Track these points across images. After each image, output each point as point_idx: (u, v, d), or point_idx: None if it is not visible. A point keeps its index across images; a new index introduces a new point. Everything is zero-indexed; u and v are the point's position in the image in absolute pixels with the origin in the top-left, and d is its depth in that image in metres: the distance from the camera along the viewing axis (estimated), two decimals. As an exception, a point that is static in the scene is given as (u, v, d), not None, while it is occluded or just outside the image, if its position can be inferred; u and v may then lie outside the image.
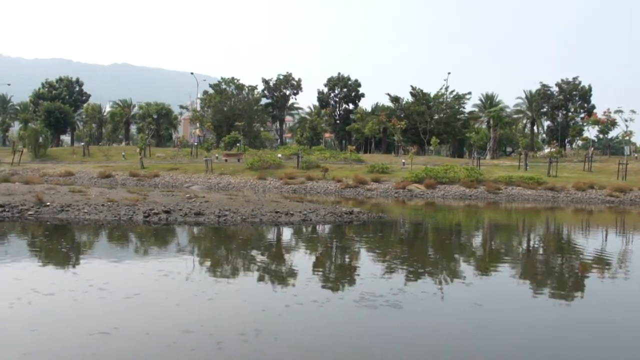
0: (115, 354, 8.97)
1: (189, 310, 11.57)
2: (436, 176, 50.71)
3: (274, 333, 10.16)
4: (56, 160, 70.52)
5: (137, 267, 16.29)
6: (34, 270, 15.59)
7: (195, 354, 9.01)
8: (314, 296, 12.67)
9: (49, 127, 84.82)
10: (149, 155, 71.09)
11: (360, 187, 49.84)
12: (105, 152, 77.22)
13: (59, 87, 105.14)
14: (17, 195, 28.39)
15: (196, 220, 24.78)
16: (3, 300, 11.76)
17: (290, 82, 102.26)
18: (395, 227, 28.33)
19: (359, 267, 17.29)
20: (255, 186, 52.01)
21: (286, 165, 60.91)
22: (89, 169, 62.06)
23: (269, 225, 24.87)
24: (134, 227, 23.53)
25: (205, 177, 56.53)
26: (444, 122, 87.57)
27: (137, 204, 26.86)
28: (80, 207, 25.88)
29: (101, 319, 10.60)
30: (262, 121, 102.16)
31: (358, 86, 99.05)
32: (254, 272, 16.25)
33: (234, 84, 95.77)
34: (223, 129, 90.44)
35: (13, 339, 9.56)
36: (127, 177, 56.99)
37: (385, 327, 10.73)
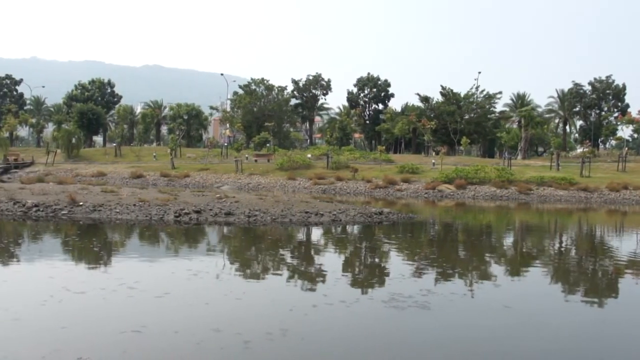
0: (145, 352, 9.07)
1: (218, 310, 11.64)
2: (466, 176, 50.30)
3: (300, 333, 10.17)
4: (89, 161, 71.29)
5: (167, 266, 16.41)
6: (66, 269, 15.80)
7: (223, 353, 9.08)
8: (342, 296, 12.64)
9: (81, 128, 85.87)
10: (180, 156, 71.56)
11: (390, 188, 49.62)
12: (137, 153, 77.87)
13: (91, 89, 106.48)
14: (51, 195, 28.82)
15: (226, 220, 24.89)
16: (36, 298, 11.99)
17: (320, 83, 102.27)
18: (425, 227, 28.17)
19: (388, 267, 17.22)
20: (285, 186, 52.07)
21: (316, 166, 60.89)
22: (120, 169, 62.67)
23: (299, 226, 24.89)
24: (165, 227, 23.72)
25: (235, 177, 56.73)
26: (474, 122, 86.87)
27: (168, 204, 27.07)
28: (112, 207, 26.17)
29: (130, 318, 10.73)
30: (291, 122, 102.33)
31: (388, 86, 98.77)
32: (283, 272, 16.27)
33: (264, 85, 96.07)
34: (253, 130, 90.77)
35: (44, 336, 9.75)
36: (158, 177, 57.43)
37: (413, 328, 10.68)
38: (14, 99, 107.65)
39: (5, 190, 31.51)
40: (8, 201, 27.25)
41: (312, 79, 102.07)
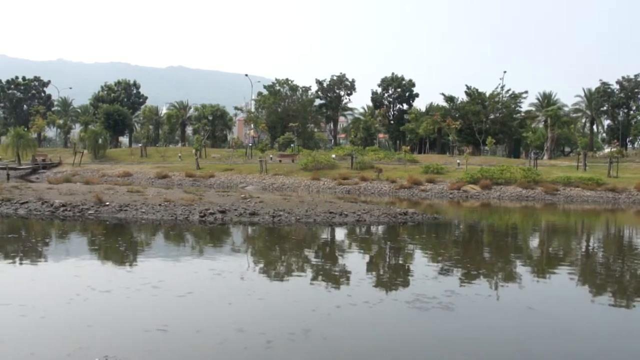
0: (168, 351, 9.15)
1: (241, 309, 11.69)
2: (492, 177, 49.93)
3: (323, 333, 10.19)
4: (115, 161, 71.96)
5: (191, 266, 16.51)
6: (92, 268, 15.98)
7: (246, 353, 9.13)
8: (366, 297, 12.62)
9: (108, 129, 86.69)
10: (205, 156, 71.95)
11: (415, 188, 49.45)
12: (162, 153, 78.46)
13: (117, 90, 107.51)
14: (78, 195, 29.16)
15: (251, 220, 24.98)
16: (63, 296, 12.19)
17: (344, 83, 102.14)
18: (449, 228, 28.02)
19: (412, 268, 17.16)
20: (309, 187, 52.13)
21: (340, 166, 60.87)
22: (146, 169, 63.19)
23: (323, 226, 24.90)
24: (190, 227, 23.87)
25: (259, 177, 56.90)
26: (499, 121, 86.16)
27: (193, 204, 27.24)
28: (138, 207, 26.41)
29: (154, 317, 10.84)
30: (316, 122, 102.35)
31: (412, 86, 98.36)
32: (307, 272, 16.28)
33: (288, 85, 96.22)
34: (277, 130, 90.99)
35: (70, 334, 9.92)
36: (183, 177, 57.81)
37: (435, 330, 10.63)
38: (42, 101, 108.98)
39: (33, 190, 31.97)
40: (36, 201, 27.64)
41: (336, 79, 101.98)
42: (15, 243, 19.90)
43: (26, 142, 71.16)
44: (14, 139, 69.75)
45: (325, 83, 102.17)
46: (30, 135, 79.42)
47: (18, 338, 9.70)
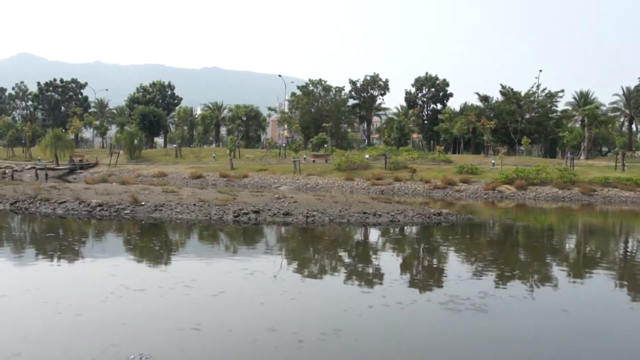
0: (201, 350, 9.24)
1: (273, 309, 11.72)
2: (527, 177, 49.29)
3: (355, 333, 10.17)
4: (150, 162, 72.64)
5: (224, 265, 16.62)
6: (127, 266, 16.20)
7: (277, 352, 9.17)
8: (398, 297, 12.56)
9: (143, 129, 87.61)
10: (239, 157, 72.28)
11: (449, 188, 49.06)
12: (197, 154, 79.00)
13: (152, 92, 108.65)
14: (114, 195, 29.53)
15: (284, 220, 25.03)
16: (98, 294, 12.36)
17: (378, 83, 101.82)
18: (484, 229, 27.75)
19: (446, 269, 17.02)
20: (342, 187, 52.06)
21: (373, 166, 60.66)
22: (181, 169, 63.69)
23: (357, 226, 24.85)
24: (224, 227, 24.01)
25: (293, 177, 56.96)
26: (535, 121, 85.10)
27: (227, 204, 27.38)
28: (172, 207, 26.64)
29: (187, 315, 10.95)
30: (349, 122, 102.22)
31: (446, 86, 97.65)
32: (339, 273, 16.27)
33: (322, 86, 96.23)
34: (311, 130, 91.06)
35: (104, 331, 10.06)
36: (218, 177, 58.14)
37: (468, 331, 10.52)
38: (79, 102, 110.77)
39: (71, 190, 32.45)
40: (74, 201, 28.06)
41: (370, 79, 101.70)
42: (53, 242, 20.24)
43: (64, 143, 72.31)
44: (52, 140, 70.92)
45: (359, 83, 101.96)
46: (68, 137, 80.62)
47: (54, 335, 9.91)
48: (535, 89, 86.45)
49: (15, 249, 19.21)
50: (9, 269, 15.89)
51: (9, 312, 11.22)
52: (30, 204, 28.35)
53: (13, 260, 17.22)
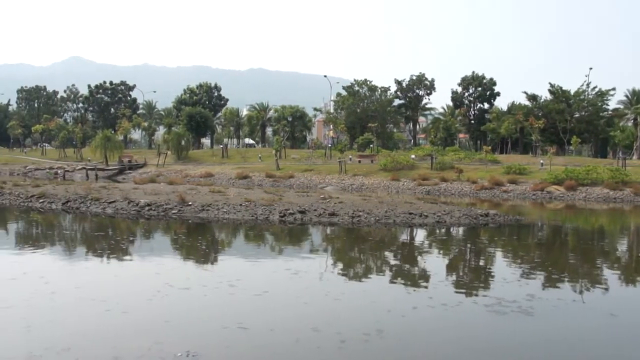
0: (245, 348, 9.34)
1: (316, 309, 11.75)
2: (577, 177, 48.27)
3: (397, 334, 10.14)
4: (197, 162, 73.43)
5: (269, 265, 16.70)
6: (172, 265, 16.43)
7: (318, 352, 9.21)
8: (444, 299, 12.45)
9: (190, 130, 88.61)
10: (284, 157, 72.54)
11: (496, 189, 48.39)
12: (243, 154, 79.56)
13: (199, 93, 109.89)
14: (162, 195, 29.93)
15: (330, 220, 25.03)
16: (143, 293, 12.63)
17: (423, 83, 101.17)
18: (532, 230, 27.29)
19: (493, 271, 16.81)
20: (388, 187, 51.84)
21: (419, 167, 60.28)
22: (227, 170, 64.20)
23: (402, 227, 24.71)
24: (270, 227, 24.12)
25: (338, 178, 56.94)
26: (585, 120, 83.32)
27: (273, 204, 27.49)
28: (219, 207, 26.87)
29: (230, 314, 11.08)
30: (395, 122, 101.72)
31: (493, 85, 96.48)
32: (384, 273, 16.21)
33: (367, 86, 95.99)
34: (356, 131, 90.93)
35: (149, 329, 10.29)
36: (263, 178, 58.45)
37: (512, 334, 10.38)
38: (128, 104, 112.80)
39: (120, 190, 33.01)
40: (123, 200, 28.54)
41: (416, 79, 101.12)
42: (102, 241, 20.61)
43: (113, 144, 73.69)
44: (102, 141, 72.33)
45: (405, 83, 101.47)
46: (117, 138, 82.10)
47: (102, 332, 10.10)
48: (585, 87, 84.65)
49: (67, 248, 19.64)
50: (60, 266, 16.26)
51: (59, 309, 11.50)
52: (81, 203, 28.95)
53: (64, 259, 17.61)
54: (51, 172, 67.40)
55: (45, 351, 9.01)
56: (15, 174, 67.49)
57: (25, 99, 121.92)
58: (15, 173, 69.34)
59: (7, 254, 17.95)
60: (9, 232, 23.84)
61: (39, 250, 19.09)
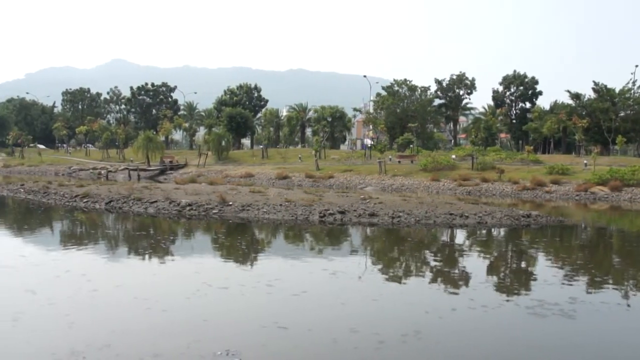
0: (283, 347, 9.39)
1: (354, 310, 11.73)
2: (623, 178, 47.22)
3: (436, 336, 10.08)
4: (237, 163, 73.83)
5: (308, 265, 16.70)
6: (212, 265, 16.61)
7: (356, 352, 9.21)
8: (484, 301, 12.30)
9: (230, 131, 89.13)
10: (324, 157, 72.49)
11: (538, 190, 47.63)
12: (283, 154, 79.74)
13: (239, 94, 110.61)
14: (202, 195, 30.20)
15: (370, 221, 24.95)
16: (183, 292, 12.80)
17: (464, 82, 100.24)
18: (575, 232, 26.80)
19: (535, 273, 16.55)
20: (428, 188, 51.46)
21: (460, 167, 59.69)
22: (267, 170, 64.45)
23: (443, 227, 24.51)
24: (310, 227, 24.15)
25: (378, 178, 56.72)
26: (631, 119, 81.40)
27: (313, 204, 27.52)
28: (259, 207, 27.00)
29: (267, 314, 11.15)
30: (435, 122, 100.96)
31: (535, 84, 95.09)
32: (424, 274, 16.09)
33: (407, 86, 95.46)
34: (396, 131, 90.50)
35: (187, 327, 10.39)
36: (303, 178, 58.52)
37: (552, 337, 10.19)
38: (169, 105, 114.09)
39: (162, 190, 33.41)
40: (164, 200, 28.88)
41: (456, 78, 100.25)
42: (144, 240, 20.88)
43: (155, 144, 74.56)
44: (144, 141, 73.23)
45: (445, 82, 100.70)
46: (159, 138, 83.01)
47: (142, 330, 10.29)
48: (631, 85, 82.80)
49: (109, 247, 19.95)
50: (102, 265, 16.53)
51: (101, 306, 11.70)
52: (124, 203, 29.37)
53: (106, 257, 17.88)
54: (95, 173, 68.63)
55: (87, 347, 9.18)
56: (60, 174, 68.89)
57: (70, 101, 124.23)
58: (60, 173, 70.76)
59: (51, 252, 18.33)
60: (53, 230, 24.34)
61: (82, 248, 19.43)
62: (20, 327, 10.37)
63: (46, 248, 19.23)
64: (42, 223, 26.77)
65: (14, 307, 11.46)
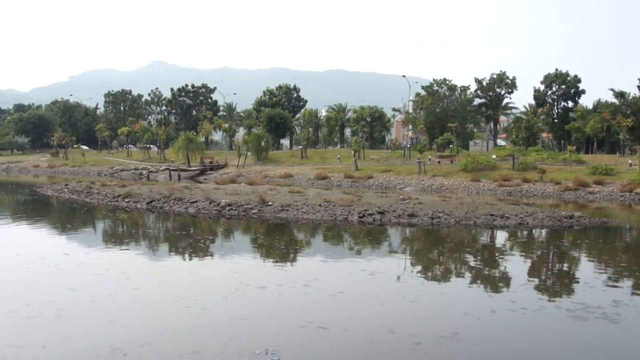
0: (320, 346, 9.42)
1: (392, 310, 11.69)
2: (669, 178, 46.16)
3: (474, 338, 9.97)
4: (276, 163, 74.07)
5: (346, 265, 16.68)
6: (250, 264, 16.70)
7: (392, 353, 9.19)
8: (524, 303, 12.13)
9: (269, 131, 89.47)
10: (363, 158, 72.29)
11: (581, 190, 46.79)
12: (322, 155, 79.71)
13: (278, 94, 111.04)
14: (242, 195, 30.39)
15: (409, 221, 24.81)
16: (221, 291, 12.98)
17: (504, 81, 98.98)
18: (619, 233, 26.27)
19: (577, 275, 16.26)
20: (468, 188, 50.98)
21: (500, 167, 58.99)
22: (306, 170, 64.54)
23: (483, 228, 24.25)
24: (348, 227, 24.12)
25: (418, 178, 56.37)
26: (679, 117, 79.57)
27: (352, 204, 27.47)
28: (298, 207, 27.06)
29: (304, 313, 11.18)
30: (475, 122, 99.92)
31: (578, 82, 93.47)
32: (463, 276, 15.92)
33: (446, 85, 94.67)
34: (435, 131, 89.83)
35: (224, 327, 10.52)
36: (342, 178, 58.45)
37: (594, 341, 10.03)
38: (209, 106, 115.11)
39: (202, 190, 33.72)
40: (204, 200, 29.14)
41: (496, 77, 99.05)
42: (184, 239, 21.11)
43: (195, 145, 75.23)
44: (184, 142, 73.96)
45: (485, 82, 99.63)
46: (199, 139, 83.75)
47: (182, 328, 10.41)
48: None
49: (149, 246, 20.22)
50: (142, 263, 16.76)
51: (140, 304, 11.88)
52: (165, 203, 29.72)
53: (146, 256, 18.13)
54: (136, 173, 69.60)
55: (127, 344, 9.32)
56: (102, 175, 70.01)
57: (112, 103, 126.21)
58: (102, 174, 71.91)
59: (93, 251, 18.62)
60: (96, 230, 24.74)
61: (123, 248, 19.75)
62: (63, 323, 10.59)
63: (88, 247, 19.56)
64: (85, 222, 27.23)
65: (56, 304, 11.70)
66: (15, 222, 26.52)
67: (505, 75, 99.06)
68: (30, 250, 18.90)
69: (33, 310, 11.29)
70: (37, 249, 19.31)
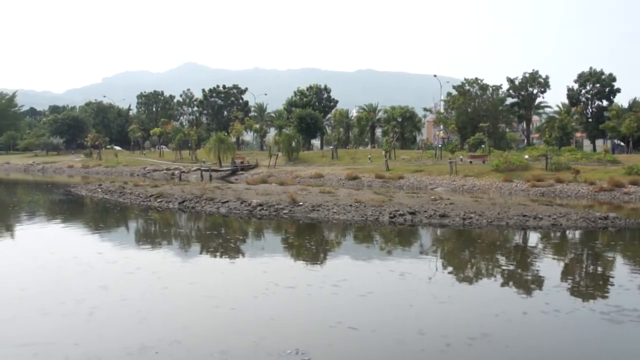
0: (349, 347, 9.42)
1: (422, 311, 11.64)
2: None
3: (505, 339, 9.88)
4: (307, 163, 74.13)
5: (376, 266, 16.63)
6: (280, 264, 16.76)
7: (422, 354, 9.18)
8: (557, 305, 11.97)
9: (300, 132, 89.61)
10: (394, 158, 72.10)
11: (616, 191, 46.02)
12: (352, 155, 79.66)
13: (309, 95, 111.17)
14: (273, 195, 30.48)
15: (441, 222, 24.65)
16: (251, 291, 13.00)
17: (537, 80, 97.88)
18: (655, 234, 25.78)
19: (612, 277, 15.98)
20: (500, 188, 50.48)
21: (533, 167, 58.32)
22: (337, 171, 64.47)
23: (515, 229, 23.98)
24: (379, 228, 24.04)
25: (449, 179, 55.96)
26: None
27: (383, 205, 27.38)
28: (329, 207, 27.06)
29: (333, 314, 11.17)
30: (507, 122, 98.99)
31: (612, 81, 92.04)
32: (495, 277, 15.76)
33: (478, 85, 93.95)
34: (467, 131, 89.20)
35: (254, 326, 10.51)
36: (373, 178, 58.27)
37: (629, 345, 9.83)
38: (240, 107, 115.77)
39: (233, 190, 33.89)
40: (236, 200, 29.28)
41: (529, 76, 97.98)
42: (215, 239, 21.24)
43: (226, 145, 75.65)
44: (215, 143, 74.43)
45: (517, 81, 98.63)
46: (230, 139, 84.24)
47: (211, 326, 10.50)
48: None
49: (180, 245, 20.37)
50: (174, 263, 16.90)
51: (171, 303, 11.97)
52: (196, 203, 29.94)
53: (177, 255, 18.28)
54: (168, 173, 70.27)
55: (158, 342, 9.40)
56: (135, 175, 70.79)
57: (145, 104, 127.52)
58: (135, 174, 72.72)
59: (125, 250, 18.84)
60: (128, 229, 25.01)
61: (154, 247, 19.95)
62: (94, 321, 10.71)
63: (121, 246, 19.79)
64: (118, 222, 27.55)
65: (88, 302, 11.86)
66: (50, 222, 26.96)
67: (538, 74, 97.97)
68: (64, 249, 19.22)
69: (66, 308, 11.46)
70: (71, 247, 19.60)
